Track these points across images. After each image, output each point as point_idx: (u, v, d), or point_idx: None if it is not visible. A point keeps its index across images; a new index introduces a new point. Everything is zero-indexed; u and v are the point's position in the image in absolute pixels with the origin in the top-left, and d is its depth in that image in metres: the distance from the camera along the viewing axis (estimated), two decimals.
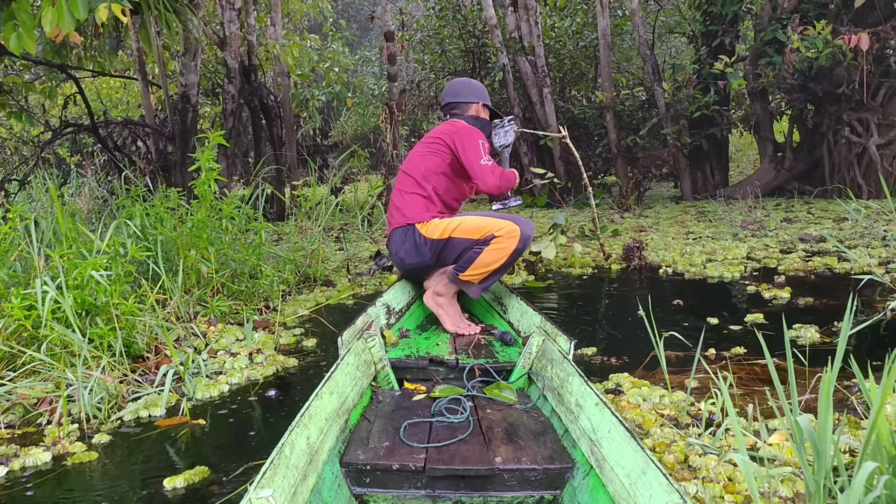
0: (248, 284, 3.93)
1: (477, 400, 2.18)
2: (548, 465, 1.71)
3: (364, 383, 2.20)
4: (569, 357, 2.14)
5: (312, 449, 1.58)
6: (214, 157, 3.56)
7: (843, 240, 4.92)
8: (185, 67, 7.26)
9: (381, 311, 2.96)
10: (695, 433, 2.03)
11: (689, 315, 3.48)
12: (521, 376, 2.37)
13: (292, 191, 8.82)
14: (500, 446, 1.81)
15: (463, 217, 3.06)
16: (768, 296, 3.70)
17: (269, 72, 10.34)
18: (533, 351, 2.36)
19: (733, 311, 3.45)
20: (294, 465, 1.46)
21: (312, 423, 1.65)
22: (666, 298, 3.85)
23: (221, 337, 3.29)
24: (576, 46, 9.51)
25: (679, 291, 3.99)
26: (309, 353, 3.17)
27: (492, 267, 2.91)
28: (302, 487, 1.46)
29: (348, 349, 2.20)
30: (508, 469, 1.70)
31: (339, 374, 1.99)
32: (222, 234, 3.89)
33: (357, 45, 21.69)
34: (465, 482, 1.71)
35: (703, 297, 3.90)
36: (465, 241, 2.96)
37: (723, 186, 8.31)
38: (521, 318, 2.95)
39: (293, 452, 1.48)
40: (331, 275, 4.78)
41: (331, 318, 3.77)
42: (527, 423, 1.98)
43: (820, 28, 5.84)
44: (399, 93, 7.61)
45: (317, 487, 1.58)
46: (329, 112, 18.77)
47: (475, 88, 3.40)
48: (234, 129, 7.92)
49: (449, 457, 1.75)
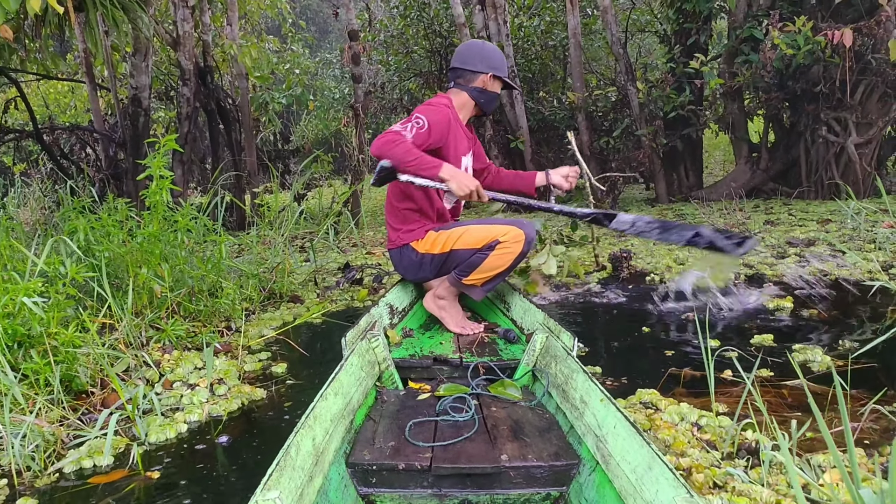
0: (208, 303, 3.57)
1: (482, 398, 2.19)
2: (554, 461, 1.70)
3: (368, 383, 2.20)
4: (573, 353, 2.13)
5: (318, 450, 1.58)
6: (168, 163, 3.21)
7: (832, 243, 4.75)
8: (135, 69, 6.83)
9: (384, 311, 2.92)
10: (739, 465, 1.82)
11: (690, 328, 3.23)
12: (526, 373, 2.38)
13: (253, 198, 8.42)
14: (505, 444, 1.80)
15: (465, 227, 2.87)
16: (771, 306, 3.47)
17: (226, 74, 9.91)
18: (537, 348, 2.37)
19: (739, 326, 3.20)
20: (300, 467, 1.46)
21: (318, 423, 1.64)
22: (661, 311, 3.60)
23: (177, 366, 2.92)
24: (544, 46, 9.29)
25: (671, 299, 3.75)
26: (279, 381, 2.83)
27: (496, 271, 2.78)
28: (308, 489, 1.46)
29: (352, 350, 2.19)
30: (514, 466, 1.69)
31: (343, 374, 1.98)
32: (177, 249, 3.52)
33: (316, 49, 21.26)
34: (472, 480, 1.71)
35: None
36: (468, 251, 2.81)
37: (697, 188, 8.16)
38: (524, 315, 2.90)
39: (299, 454, 1.48)
40: (297, 290, 4.43)
41: (300, 338, 3.43)
42: (532, 421, 1.98)
43: (800, 24, 5.69)
44: (364, 94, 7.28)
45: (323, 488, 1.58)
46: (289, 116, 18.30)
47: (486, 54, 2.94)
48: (190, 134, 7.50)
49: (455, 455, 1.75)
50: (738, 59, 6.81)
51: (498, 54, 2.98)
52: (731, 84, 6.84)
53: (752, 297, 3.59)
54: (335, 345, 3.37)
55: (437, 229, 2.93)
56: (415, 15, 9.39)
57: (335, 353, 3.30)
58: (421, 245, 2.93)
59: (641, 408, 2.28)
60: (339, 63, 16.88)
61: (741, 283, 3.95)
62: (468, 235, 2.81)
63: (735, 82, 6.76)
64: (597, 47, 9.82)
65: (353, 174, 7.45)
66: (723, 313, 3.39)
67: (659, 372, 2.62)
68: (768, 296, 3.64)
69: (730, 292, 3.59)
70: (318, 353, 3.25)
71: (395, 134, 2.61)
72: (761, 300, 3.54)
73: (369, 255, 5.92)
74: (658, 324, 3.37)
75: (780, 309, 3.43)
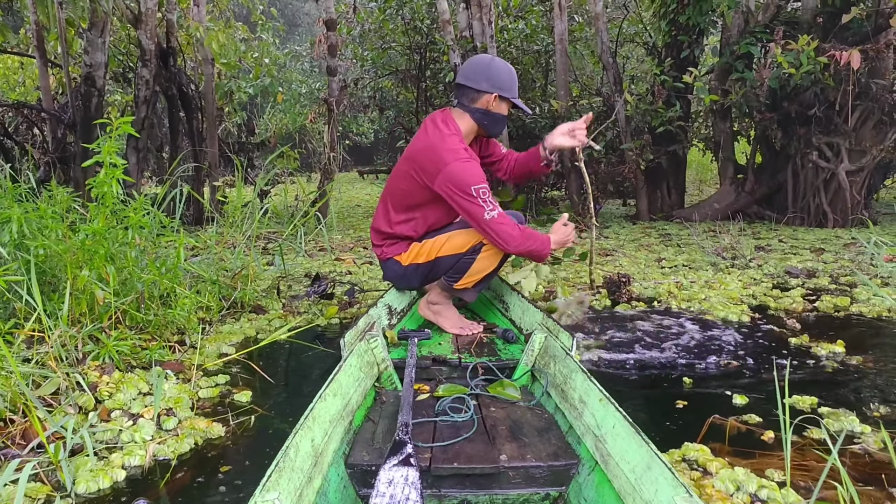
0: (159, 312, 3.10)
1: (481, 398, 2.18)
2: (553, 461, 1.69)
3: (367, 384, 2.19)
4: (571, 353, 2.12)
5: (317, 451, 1.57)
6: (121, 150, 2.75)
7: (834, 275, 4.49)
8: (90, 45, 6.27)
9: (382, 312, 2.90)
10: None
11: (712, 366, 2.89)
12: (525, 374, 2.37)
13: (213, 192, 7.89)
14: (504, 444, 1.79)
15: (447, 234, 2.80)
16: (820, 352, 3.02)
17: (190, 58, 9.34)
18: (535, 348, 2.37)
19: (766, 366, 2.87)
20: (299, 468, 1.45)
21: (317, 424, 1.63)
22: (669, 343, 3.27)
23: (118, 390, 2.46)
24: (525, 51, 8.97)
25: (690, 335, 3.39)
26: (241, 411, 2.40)
27: (486, 272, 2.78)
28: (307, 490, 1.45)
29: (351, 350, 2.17)
30: (513, 466, 1.68)
31: (342, 375, 1.97)
32: (126, 248, 3.05)
33: (285, 41, 20.65)
34: (471, 481, 1.70)
35: (734, 347, 3.19)
36: (454, 256, 2.77)
37: (679, 207, 7.92)
38: (522, 315, 2.89)
39: (298, 455, 1.47)
40: (261, 298, 3.97)
41: (262, 359, 2.99)
42: (531, 421, 1.97)
43: (803, 43, 5.46)
44: (339, 88, 6.84)
45: (322, 489, 1.56)
46: (253, 108, 17.66)
47: (493, 72, 2.64)
48: (147, 120, 6.95)
49: (454, 455, 1.74)
50: (732, 77, 6.57)
51: (506, 72, 2.69)
52: (722, 101, 6.60)
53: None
54: (303, 367, 2.95)
55: (419, 239, 2.88)
56: (394, 9, 8.96)
57: (303, 377, 2.86)
58: (405, 258, 2.88)
59: (686, 467, 1.92)
60: (309, 56, 16.32)
61: (749, 314, 3.64)
62: (452, 241, 2.77)
63: (727, 100, 6.51)
64: (580, 56, 9.54)
65: (323, 173, 6.99)
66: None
67: (695, 417, 2.28)
68: (789, 330, 3.32)
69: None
70: (284, 377, 2.82)
71: (506, 226, 2.58)
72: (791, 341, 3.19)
73: (338, 261, 5.49)
74: (682, 362, 3.02)
75: (832, 356, 3.06)
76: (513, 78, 2.70)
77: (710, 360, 2.95)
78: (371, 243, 3.03)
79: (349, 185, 15.63)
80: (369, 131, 19.37)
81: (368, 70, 10.27)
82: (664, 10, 7.19)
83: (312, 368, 2.92)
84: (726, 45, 6.78)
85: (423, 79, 8.95)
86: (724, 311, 3.66)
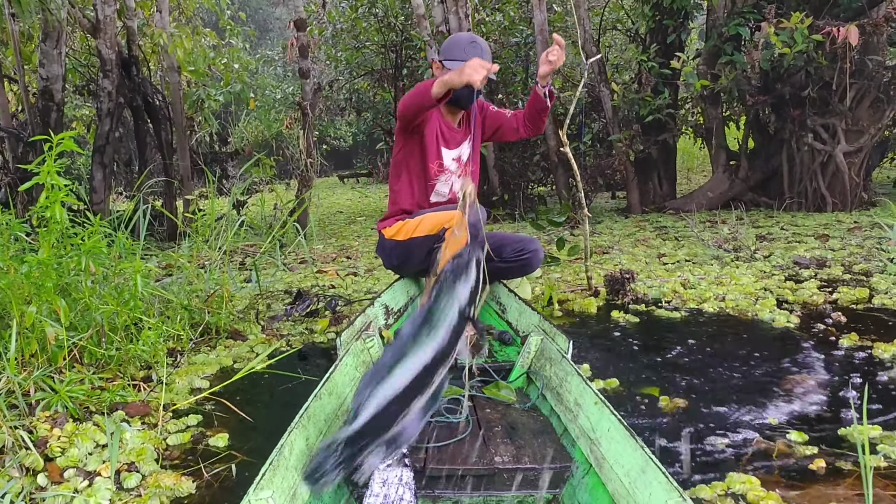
0: (122, 346, 2.78)
1: (476, 399, 2.17)
2: (547, 464, 1.69)
3: None
4: (567, 356, 2.11)
5: (311, 450, 1.57)
6: (85, 167, 2.43)
7: (846, 263, 4.25)
8: (45, 57, 5.92)
9: (379, 312, 2.89)
10: None
11: (754, 386, 2.63)
12: (520, 376, 2.36)
13: (186, 206, 7.53)
14: (499, 446, 1.80)
15: (422, 217, 2.92)
16: (883, 354, 2.69)
17: (155, 68, 8.97)
18: (532, 350, 2.36)
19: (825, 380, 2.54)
20: (293, 467, 1.45)
21: (311, 424, 1.65)
22: (683, 348, 3.00)
23: (71, 443, 2.15)
24: (504, 45, 8.68)
25: (713, 338, 3.12)
26: (217, 459, 2.10)
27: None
28: (301, 488, 1.44)
29: (347, 350, 2.18)
30: (508, 468, 1.69)
31: (337, 374, 1.97)
32: (81, 278, 2.73)
33: (257, 46, 20.25)
34: (465, 482, 1.70)
35: (772, 351, 2.88)
36: (427, 238, 2.83)
37: (671, 198, 7.67)
38: (519, 317, 2.87)
39: (292, 453, 1.47)
40: (237, 322, 3.66)
41: (241, 395, 2.67)
42: (526, 423, 1.98)
43: (797, 20, 5.21)
44: (313, 91, 6.52)
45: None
46: (226, 116, 17.25)
47: (447, 42, 2.93)
48: (112, 133, 6.59)
49: (448, 456, 1.75)
50: (721, 60, 6.31)
51: (456, 37, 2.91)
52: (713, 86, 6.35)
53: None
54: (287, 399, 2.63)
55: (405, 218, 3.00)
56: (367, 7, 8.62)
57: (289, 409, 2.56)
58: (388, 231, 3.03)
59: (731, 503, 1.65)
60: (282, 60, 15.96)
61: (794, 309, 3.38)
62: (425, 222, 2.86)
63: (718, 85, 6.26)
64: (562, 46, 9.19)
65: (300, 180, 6.67)
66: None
67: (733, 438, 2.01)
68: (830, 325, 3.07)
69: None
70: (265, 413, 2.52)
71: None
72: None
73: (320, 273, 5.18)
74: (715, 373, 2.76)
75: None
76: (454, 42, 2.87)
77: (748, 368, 2.69)
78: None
79: (329, 191, 15.25)
80: (347, 134, 19.02)
81: (343, 71, 9.92)
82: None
83: (298, 398, 2.63)
84: (713, 27, 6.52)
85: (399, 77, 8.63)
86: (748, 308, 3.40)
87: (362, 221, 9.02)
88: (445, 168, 3.02)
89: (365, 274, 5.06)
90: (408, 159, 3.01)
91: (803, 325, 3.15)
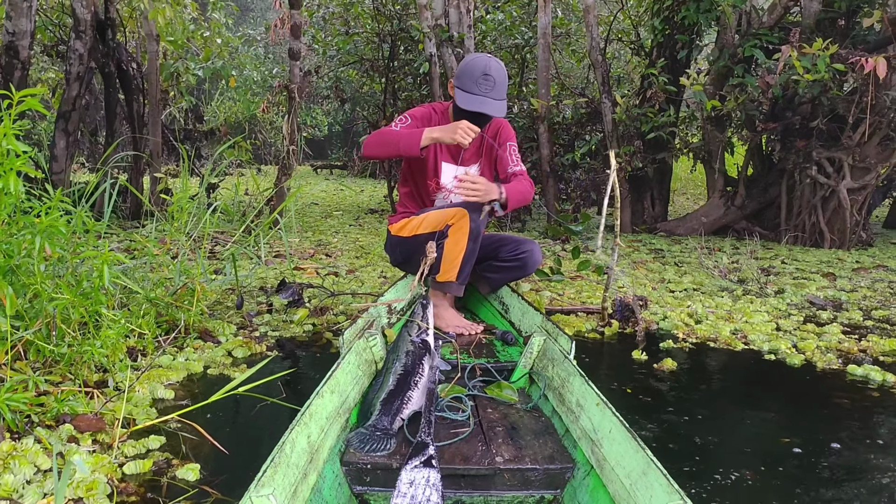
0: (76, 342, 2.39)
1: (478, 399, 2.17)
2: (548, 464, 1.69)
3: (365, 382, 2.18)
4: (570, 357, 2.11)
5: (313, 448, 1.56)
6: (47, 132, 2.03)
7: (864, 308, 4.02)
8: (13, 8, 5.42)
9: (382, 311, 2.88)
10: None
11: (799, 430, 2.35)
12: (523, 376, 2.36)
13: (154, 184, 7.06)
14: (500, 446, 1.80)
15: (426, 214, 2.95)
16: None
17: (132, 35, 8.45)
18: (534, 351, 2.36)
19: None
20: (295, 464, 1.43)
21: (313, 421, 1.63)
22: (715, 394, 2.72)
23: (7, 468, 1.76)
24: (501, 46, 8.38)
25: (744, 379, 2.82)
26: (185, 497, 1.73)
27: (459, 257, 2.78)
28: (302, 486, 1.44)
29: (349, 348, 2.16)
30: (509, 468, 1.68)
31: (339, 372, 1.95)
32: (33, 260, 2.33)
33: (238, 24, 19.62)
34: (466, 481, 1.69)
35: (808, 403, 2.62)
36: (430, 235, 2.84)
37: (662, 219, 7.44)
38: (522, 317, 2.89)
39: (294, 451, 1.45)
40: (208, 320, 3.27)
41: (213, 412, 2.29)
42: (528, 423, 1.97)
43: (819, 47, 5.00)
44: (303, 74, 6.12)
45: (317, 486, 1.55)
46: (200, 94, 16.61)
47: (463, 64, 2.82)
48: (80, 99, 6.10)
49: (450, 456, 1.74)
50: (733, 81, 6.08)
51: (472, 63, 2.79)
52: (720, 108, 6.12)
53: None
54: (265, 428, 2.25)
55: (409, 216, 3.05)
56: None
57: (268, 442, 2.19)
58: (394, 228, 3.09)
59: None
60: (264, 41, 15.41)
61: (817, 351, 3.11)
62: (428, 220, 2.89)
63: (726, 107, 6.03)
64: (560, 52, 8.96)
65: (281, 167, 6.26)
66: None
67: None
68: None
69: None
70: (243, 435, 2.15)
71: (382, 130, 2.82)
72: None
73: (298, 270, 4.79)
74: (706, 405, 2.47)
75: None
76: (468, 70, 2.76)
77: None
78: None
79: (302, 181, 14.76)
80: (323, 124, 18.53)
81: (332, 57, 9.48)
82: (658, 7, 6.66)
83: (280, 416, 2.27)
84: (724, 46, 6.29)
85: (391, 69, 8.25)
86: (786, 352, 3.12)
87: (339, 216, 8.61)
88: (442, 186, 3.05)
89: (347, 275, 4.69)
90: (411, 170, 3.10)
91: (840, 377, 2.89)
